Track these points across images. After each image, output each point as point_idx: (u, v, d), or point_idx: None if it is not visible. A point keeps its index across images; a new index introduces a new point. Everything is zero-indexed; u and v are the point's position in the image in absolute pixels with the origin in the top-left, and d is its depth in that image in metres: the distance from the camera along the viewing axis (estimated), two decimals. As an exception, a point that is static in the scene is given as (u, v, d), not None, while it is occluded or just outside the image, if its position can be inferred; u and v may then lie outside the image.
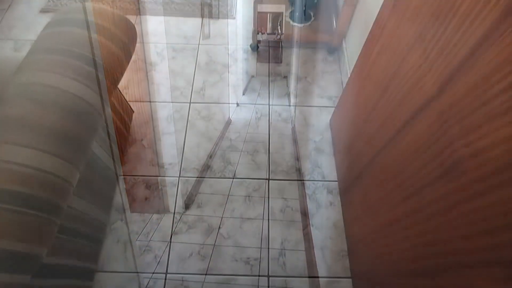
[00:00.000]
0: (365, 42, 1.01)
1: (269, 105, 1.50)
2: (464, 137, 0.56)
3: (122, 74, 0.92)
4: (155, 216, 1.23)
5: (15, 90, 0.72)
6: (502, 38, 0.47)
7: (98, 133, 0.87)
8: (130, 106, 1.41)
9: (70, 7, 0.90)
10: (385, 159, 0.89)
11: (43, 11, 1.81)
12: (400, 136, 0.78)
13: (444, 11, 0.60)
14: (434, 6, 0.64)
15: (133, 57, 1.21)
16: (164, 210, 1.25)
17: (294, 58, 1.65)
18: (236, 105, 1.49)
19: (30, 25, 1.76)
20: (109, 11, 0.91)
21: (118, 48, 0.88)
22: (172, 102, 1.49)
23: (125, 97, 1.46)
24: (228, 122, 1.45)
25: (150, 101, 1.49)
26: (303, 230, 1.22)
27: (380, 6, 0.91)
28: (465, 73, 0.55)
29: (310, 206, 1.26)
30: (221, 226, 1.22)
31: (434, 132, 0.64)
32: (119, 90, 1.29)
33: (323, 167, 1.35)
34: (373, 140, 0.96)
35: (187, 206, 1.26)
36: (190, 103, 1.49)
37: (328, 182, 1.31)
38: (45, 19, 1.78)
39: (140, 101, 1.49)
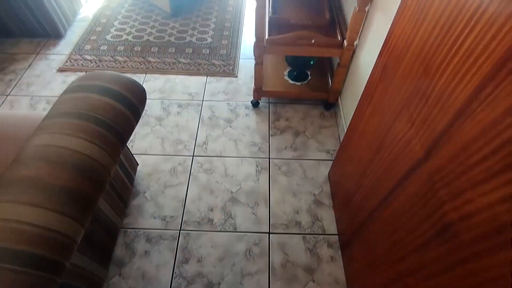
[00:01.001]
0: (358, 103, 1.08)
1: (269, 158, 1.55)
2: (452, 201, 0.59)
3: (131, 134, 0.98)
4: (154, 270, 1.21)
5: (32, 152, 0.77)
6: (476, 113, 0.53)
7: (105, 189, 0.90)
8: (135, 159, 1.46)
9: (87, 74, 0.99)
10: (382, 216, 0.91)
11: (60, 70, 1.95)
12: (395, 194, 0.82)
13: (424, 85, 0.68)
14: (415, 79, 0.71)
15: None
16: (163, 264, 1.23)
17: (293, 114, 1.74)
18: (237, 158, 1.55)
19: (47, 83, 1.88)
20: (121, 77, 1.00)
21: (129, 110, 0.96)
22: (175, 155, 1.55)
23: (131, 151, 1.52)
24: (230, 175, 1.49)
25: (154, 154, 1.55)
26: (304, 286, 1.19)
27: (370, 70, 1.00)
28: (447, 141, 0.60)
29: (311, 260, 1.25)
30: (221, 282, 1.19)
31: (425, 194, 0.68)
32: (126, 145, 1.35)
33: (323, 220, 1.36)
34: (370, 195, 0.99)
35: (186, 260, 1.25)
36: (193, 156, 1.54)
37: (328, 235, 1.31)
38: (61, 77, 1.92)
39: (145, 154, 1.55)
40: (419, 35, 0.71)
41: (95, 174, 0.79)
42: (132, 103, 0.98)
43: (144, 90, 1.04)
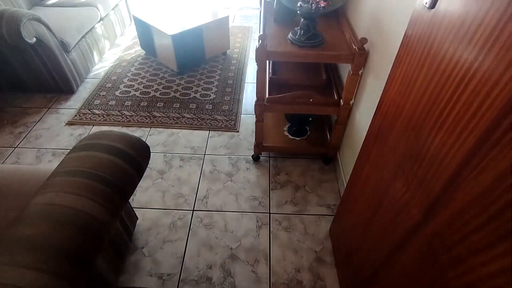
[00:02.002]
0: (356, 161, 1.11)
1: (269, 213, 1.54)
2: (454, 268, 0.58)
3: (133, 191, 1.00)
4: (147, 337, 1.14)
5: (34, 211, 0.78)
6: (470, 178, 0.55)
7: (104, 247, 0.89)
8: (135, 213, 1.45)
9: (94, 133, 1.04)
10: (385, 277, 0.88)
11: (69, 123, 2.03)
12: (396, 257, 0.81)
13: (417, 149, 0.71)
14: (409, 142, 0.75)
15: (144, 169, 1.31)
16: (157, 330, 1.16)
17: (293, 168, 1.76)
18: (237, 212, 1.54)
19: (55, 135, 1.95)
20: (127, 136, 1.04)
21: (133, 168, 0.98)
22: (176, 209, 1.54)
23: (132, 204, 1.52)
24: (229, 230, 1.47)
25: (155, 208, 1.55)
26: None
27: (367, 127, 1.04)
28: (443, 206, 0.62)
29: (314, 326, 1.18)
30: None
31: (426, 258, 0.67)
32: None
33: (325, 279, 1.31)
34: (371, 255, 0.97)
35: (182, 326, 1.17)
36: (193, 210, 1.54)
37: (332, 297, 1.25)
38: (69, 130, 1.99)
39: (146, 208, 1.55)
40: (409, 102, 0.76)
41: (95, 233, 0.79)
42: (136, 160, 1.01)
43: (149, 147, 1.08)
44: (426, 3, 0.66)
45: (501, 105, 0.48)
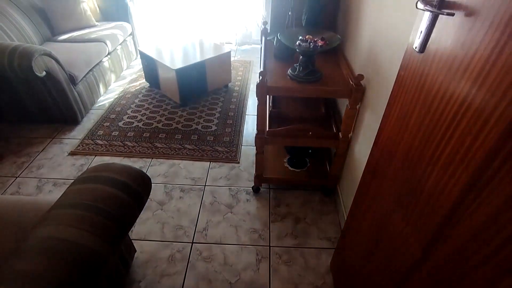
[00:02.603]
0: (355, 195, 1.12)
1: (269, 246, 1.52)
2: (456, 306, 0.58)
3: (134, 223, 1.00)
4: None
5: (33, 244, 0.78)
6: (465, 216, 0.56)
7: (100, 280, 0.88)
8: (133, 245, 1.43)
9: (97, 166, 1.06)
10: (389, 317, 0.86)
11: (72, 153, 2.06)
12: (399, 294, 0.79)
13: (414, 183, 0.72)
14: (406, 177, 0.76)
15: (145, 201, 1.32)
16: None
17: (293, 200, 1.76)
18: (237, 245, 1.51)
19: (57, 165, 1.97)
20: (129, 168, 1.06)
21: (134, 201, 0.99)
22: (175, 241, 1.52)
23: (130, 236, 1.50)
24: (229, 264, 1.44)
25: (154, 240, 1.53)
26: None
27: (366, 159, 1.06)
28: (443, 241, 0.62)
29: None
30: None
31: (429, 296, 0.66)
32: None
33: (328, 318, 1.26)
34: (375, 293, 0.95)
35: None
36: (192, 243, 1.52)
37: (334, 337, 1.20)
38: (71, 161, 2.01)
39: (144, 240, 1.53)
40: (404, 138, 0.79)
41: (93, 267, 0.78)
42: (138, 192, 1.02)
43: (150, 180, 1.09)
44: (416, 48, 0.71)
45: (493, 142, 0.50)
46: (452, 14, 0.58)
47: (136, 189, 1.02)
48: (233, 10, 3.52)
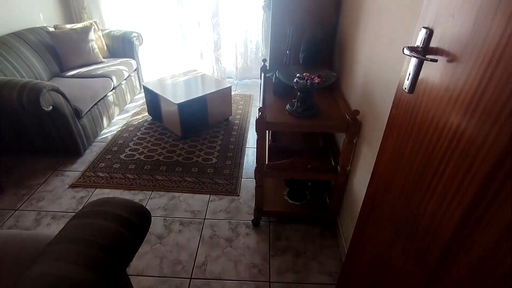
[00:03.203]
0: (355, 227, 1.12)
1: (269, 282, 1.48)
2: None
3: (132, 258, 1.00)
4: None
5: (29, 281, 0.78)
6: (462, 252, 0.57)
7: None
8: (130, 282, 1.40)
9: (97, 200, 1.07)
10: None
11: (73, 186, 2.07)
12: (401, 333, 0.77)
13: (410, 218, 0.74)
14: (402, 211, 0.78)
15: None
16: None
17: (293, 233, 1.75)
18: (236, 281, 1.48)
19: (57, 198, 1.97)
20: (129, 203, 1.07)
21: (133, 235, 0.99)
22: (173, 277, 1.49)
23: (128, 271, 1.47)
24: (228, 301, 1.40)
25: (151, 276, 1.49)
26: None
27: (364, 192, 1.07)
28: (442, 276, 0.62)
29: None
30: None
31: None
32: (124, 266, 1.33)
33: None
34: (377, 333, 0.93)
35: None
36: (190, 278, 1.49)
37: None
38: (72, 193, 2.01)
39: (142, 275, 1.50)
40: (399, 173, 0.81)
41: (91, 305, 0.77)
42: (137, 227, 1.02)
43: (150, 214, 1.10)
44: (405, 88, 0.76)
45: (485, 173, 0.52)
46: (435, 61, 0.63)
47: (136, 224, 1.03)
48: (234, 46, 3.68)
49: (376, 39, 1.27)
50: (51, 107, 2.03)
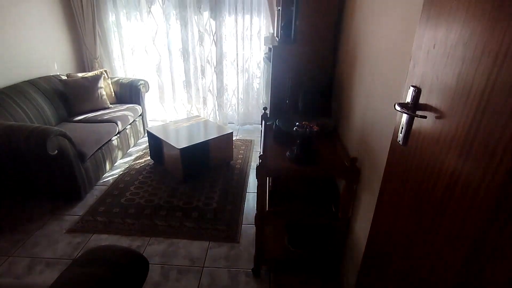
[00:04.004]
0: (358, 278, 1.09)
1: (270, 338, 1.40)
2: None
3: (128, 310, 0.96)
4: None
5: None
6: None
7: None
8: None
9: (93, 248, 1.06)
10: None
11: (70, 231, 2.04)
12: None
13: (410, 274, 0.73)
14: (403, 265, 0.77)
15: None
16: None
17: (295, 283, 1.68)
18: (235, 337, 1.40)
19: (53, 243, 1.93)
20: (126, 251, 1.06)
21: (130, 285, 0.97)
22: (168, 332, 1.41)
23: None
24: None
25: (145, 330, 1.42)
26: None
27: (366, 239, 1.06)
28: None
29: None
30: None
31: None
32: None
33: None
34: None
35: None
36: (186, 333, 1.41)
37: None
38: (68, 238, 1.98)
39: (135, 330, 1.42)
40: (398, 223, 0.82)
41: None
42: (134, 276, 1.00)
43: (148, 263, 1.08)
44: (399, 141, 0.80)
45: (480, 223, 0.53)
46: (425, 117, 0.67)
47: (133, 274, 1.01)
48: (236, 93, 3.84)
49: (370, 91, 1.35)
50: (56, 151, 2.07)
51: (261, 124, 2.07)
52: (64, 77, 3.11)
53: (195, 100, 3.91)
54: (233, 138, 2.95)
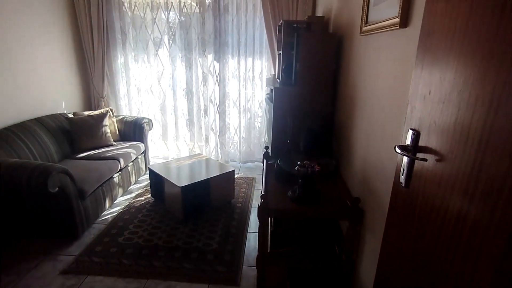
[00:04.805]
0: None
1: None
2: None
3: None
4: None
5: None
6: None
7: None
8: None
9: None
10: None
11: (64, 272, 1.96)
12: None
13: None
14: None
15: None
16: None
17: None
18: None
19: (45, 286, 1.85)
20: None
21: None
22: None
23: None
24: None
25: None
26: None
27: (372, 281, 1.02)
28: None
29: None
30: None
31: None
32: None
33: None
34: None
35: None
36: None
37: None
38: (61, 280, 1.90)
39: None
40: (404, 267, 0.80)
41: None
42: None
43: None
44: (401, 183, 0.80)
45: (496, 264, 0.51)
46: (425, 160, 0.68)
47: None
48: (238, 132, 3.91)
49: (369, 131, 1.37)
50: (57, 188, 2.06)
51: (263, 163, 2.08)
52: (71, 115, 3.19)
53: (197, 138, 3.97)
54: (235, 176, 2.94)
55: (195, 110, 3.84)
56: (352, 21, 1.78)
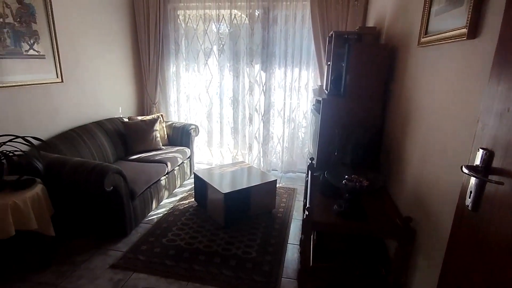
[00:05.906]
0: None
1: None
2: None
3: None
4: None
5: None
6: None
7: None
8: None
9: None
10: None
11: (112, 266, 2.09)
12: None
13: None
14: None
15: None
16: None
17: None
18: None
19: (96, 278, 1.98)
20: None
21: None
22: None
23: None
24: None
25: None
26: None
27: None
28: None
29: None
30: None
31: None
32: None
33: None
34: None
35: None
36: None
37: None
38: (110, 274, 2.02)
39: None
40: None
41: None
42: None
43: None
44: (468, 206, 0.73)
45: None
46: (502, 183, 0.62)
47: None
48: (282, 142, 3.90)
49: (426, 148, 1.29)
50: (111, 187, 2.21)
51: (307, 174, 2.05)
52: (126, 119, 3.42)
53: (241, 146, 4.03)
54: (276, 186, 2.93)
55: (240, 118, 3.91)
56: (409, 32, 1.70)
